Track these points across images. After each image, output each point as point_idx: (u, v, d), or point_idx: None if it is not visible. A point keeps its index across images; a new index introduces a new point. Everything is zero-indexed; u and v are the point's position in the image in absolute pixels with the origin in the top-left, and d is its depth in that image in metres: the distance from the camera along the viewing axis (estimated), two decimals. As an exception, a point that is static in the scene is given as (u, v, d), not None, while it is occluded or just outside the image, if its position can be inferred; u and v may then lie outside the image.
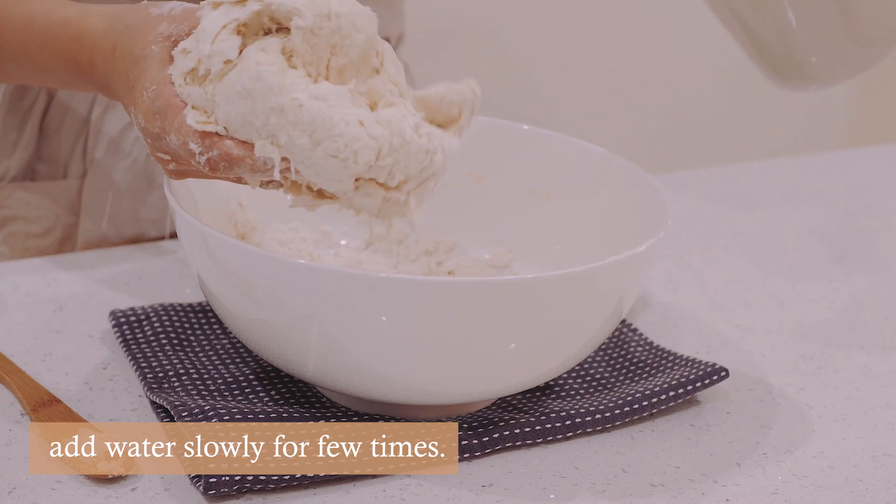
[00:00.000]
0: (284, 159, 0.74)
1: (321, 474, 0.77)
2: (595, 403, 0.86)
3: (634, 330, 0.96)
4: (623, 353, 0.93)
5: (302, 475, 0.76)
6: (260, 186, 0.77)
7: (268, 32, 0.76)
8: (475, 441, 0.81)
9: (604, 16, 2.10)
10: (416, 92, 0.79)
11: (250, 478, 0.75)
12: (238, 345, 0.90)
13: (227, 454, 0.76)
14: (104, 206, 1.07)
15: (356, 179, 0.74)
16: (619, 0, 2.51)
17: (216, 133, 0.75)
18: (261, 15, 0.75)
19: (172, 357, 0.88)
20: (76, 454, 0.77)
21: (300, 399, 0.85)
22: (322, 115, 0.73)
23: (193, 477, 0.76)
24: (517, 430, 0.82)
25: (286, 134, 0.73)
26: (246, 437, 0.78)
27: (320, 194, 0.76)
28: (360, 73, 0.77)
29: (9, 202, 1.09)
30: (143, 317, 0.91)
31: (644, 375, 0.90)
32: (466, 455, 0.81)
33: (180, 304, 0.93)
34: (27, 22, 0.87)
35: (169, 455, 0.79)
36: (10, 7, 0.88)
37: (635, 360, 0.92)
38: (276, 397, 0.85)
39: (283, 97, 0.73)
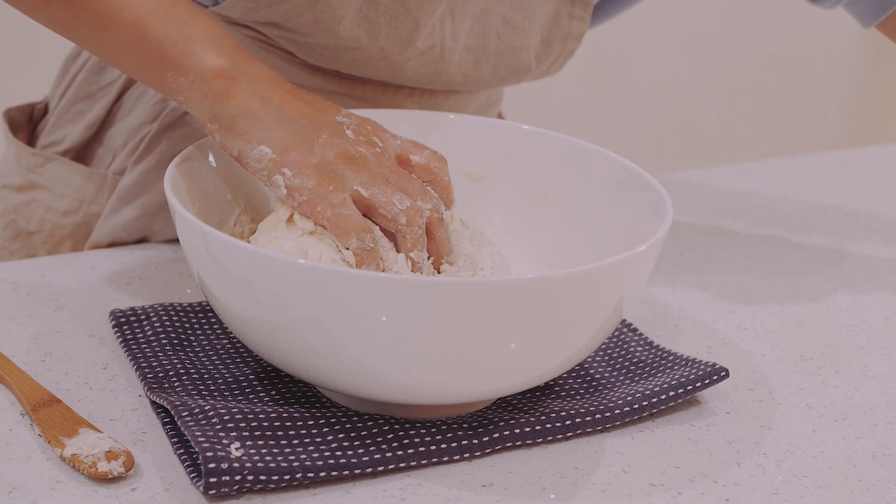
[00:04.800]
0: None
1: (321, 474, 0.77)
2: (595, 403, 0.86)
3: (634, 330, 0.96)
4: (623, 353, 0.93)
5: (302, 475, 0.76)
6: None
7: None
8: (475, 441, 0.81)
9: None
10: None
11: (250, 478, 0.75)
12: (238, 345, 0.90)
13: (227, 455, 0.76)
14: (129, 212, 1.07)
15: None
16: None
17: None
18: None
19: (172, 357, 0.88)
20: (76, 454, 0.77)
21: (300, 399, 0.85)
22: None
23: (193, 477, 0.76)
24: (517, 430, 0.82)
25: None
26: (246, 437, 0.78)
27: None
28: None
29: (42, 170, 1.09)
30: (143, 317, 0.91)
31: (644, 375, 0.90)
32: (466, 455, 0.81)
33: (180, 304, 0.93)
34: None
35: (169, 455, 0.79)
36: None
37: (635, 360, 0.92)
38: (276, 397, 0.85)
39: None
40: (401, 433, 0.81)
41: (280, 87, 0.86)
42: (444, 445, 0.80)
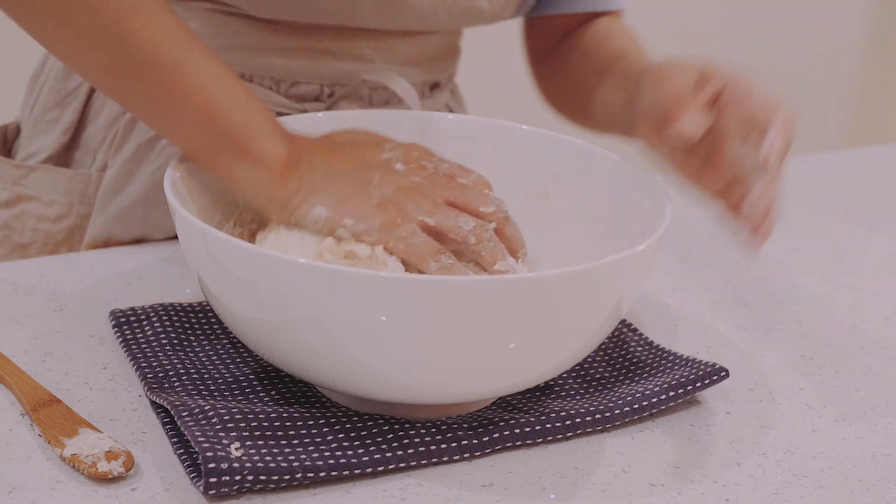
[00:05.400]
0: None
1: (321, 474, 0.77)
2: (595, 403, 0.86)
3: (634, 330, 0.96)
4: (623, 353, 0.93)
5: (302, 475, 0.76)
6: None
7: None
8: (475, 441, 0.81)
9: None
10: None
11: (250, 478, 0.75)
12: (238, 345, 0.90)
13: (227, 455, 0.76)
14: (118, 203, 1.08)
15: None
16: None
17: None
18: None
19: (172, 357, 0.88)
20: (76, 454, 0.77)
21: (300, 399, 0.85)
22: None
23: (193, 477, 0.76)
24: (517, 430, 0.82)
25: None
26: (246, 437, 0.78)
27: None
28: None
29: (26, 181, 1.10)
30: (143, 317, 0.91)
31: (644, 375, 0.90)
32: (466, 455, 0.81)
33: (180, 304, 0.93)
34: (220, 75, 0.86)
35: (169, 455, 0.79)
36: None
37: (635, 360, 0.92)
38: (276, 397, 0.85)
39: None
40: (401, 433, 0.81)
41: (325, 149, 0.87)
42: (444, 445, 0.80)
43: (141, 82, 0.85)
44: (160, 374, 0.85)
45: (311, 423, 0.81)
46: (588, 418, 0.84)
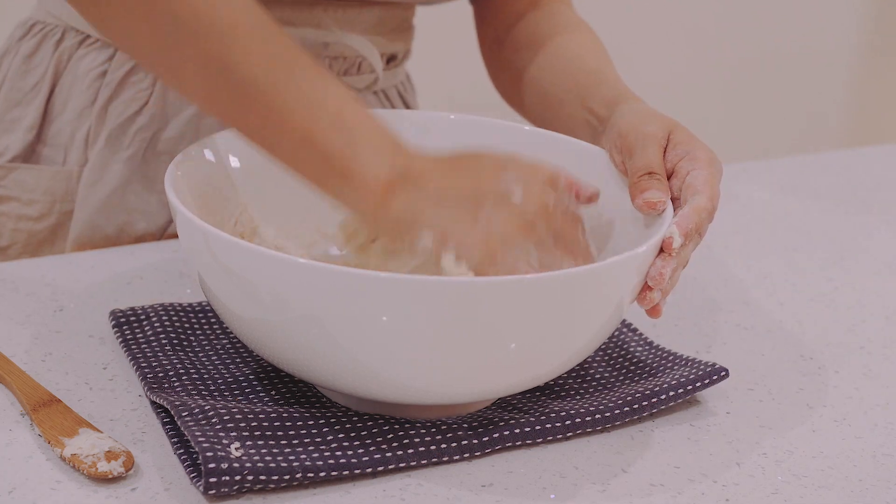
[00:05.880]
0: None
1: (321, 474, 0.77)
2: (595, 403, 0.86)
3: (634, 330, 0.96)
4: (623, 353, 0.93)
5: (302, 475, 0.76)
6: None
7: None
8: (475, 441, 0.81)
9: (603, 18, 2.10)
10: None
11: (250, 478, 0.75)
12: (238, 345, 0.90)
13: (227, 455, 0.76)
14: (97, 194, 1.08)
15: None
16: (619, 2, 2.51)
17: None
18: None
19: (172, 357, 0.88)
20: (76, 454, 0.77)
21: (300, 399, 0.85)
22: None
23: (193, 477, 0.76)
24: (517, 430, 0.82)
25: None
26: (246, 437, 0.78)
27: None
28: None
29: (4, 182, 1.10)
30: (143, 317, 0.91)
31: (644, 375, 0.90)
32: (466, 455, 0.81)
33: (180, 304, 0.93)
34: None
35: (169, 455, 0.79)
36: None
37: (635, 360, 0.92)
38: (276, 397, 0.85)
39: None
40: (401, 433, 0.81)
41: (439, 168, 0.83)
42: (444, 445, 0.80)
43: (241, 110, 0.81)
44: (160, 374, 0.85)
45: (311, 423, 0.81)
46: (588, 418, 0.84)
